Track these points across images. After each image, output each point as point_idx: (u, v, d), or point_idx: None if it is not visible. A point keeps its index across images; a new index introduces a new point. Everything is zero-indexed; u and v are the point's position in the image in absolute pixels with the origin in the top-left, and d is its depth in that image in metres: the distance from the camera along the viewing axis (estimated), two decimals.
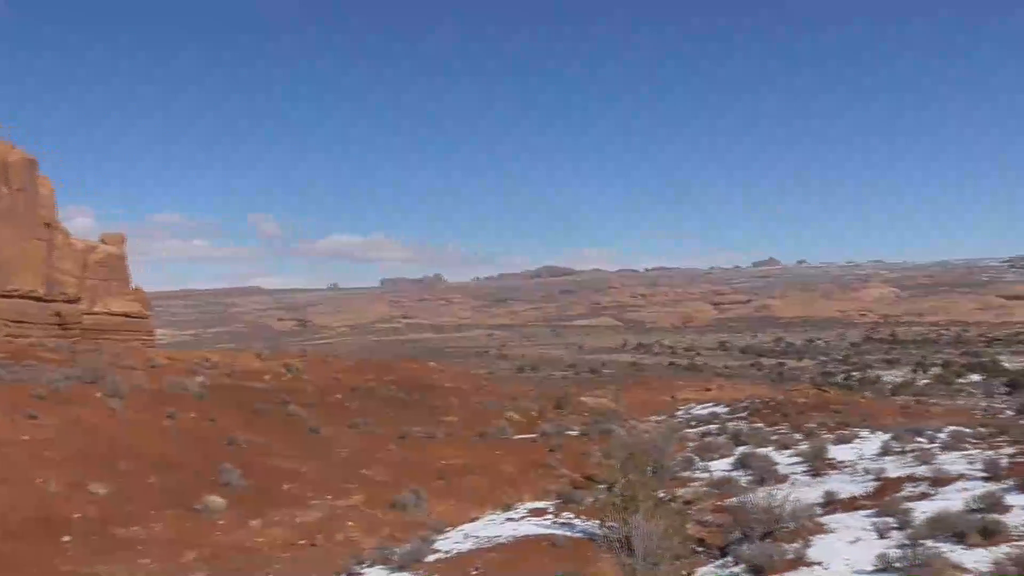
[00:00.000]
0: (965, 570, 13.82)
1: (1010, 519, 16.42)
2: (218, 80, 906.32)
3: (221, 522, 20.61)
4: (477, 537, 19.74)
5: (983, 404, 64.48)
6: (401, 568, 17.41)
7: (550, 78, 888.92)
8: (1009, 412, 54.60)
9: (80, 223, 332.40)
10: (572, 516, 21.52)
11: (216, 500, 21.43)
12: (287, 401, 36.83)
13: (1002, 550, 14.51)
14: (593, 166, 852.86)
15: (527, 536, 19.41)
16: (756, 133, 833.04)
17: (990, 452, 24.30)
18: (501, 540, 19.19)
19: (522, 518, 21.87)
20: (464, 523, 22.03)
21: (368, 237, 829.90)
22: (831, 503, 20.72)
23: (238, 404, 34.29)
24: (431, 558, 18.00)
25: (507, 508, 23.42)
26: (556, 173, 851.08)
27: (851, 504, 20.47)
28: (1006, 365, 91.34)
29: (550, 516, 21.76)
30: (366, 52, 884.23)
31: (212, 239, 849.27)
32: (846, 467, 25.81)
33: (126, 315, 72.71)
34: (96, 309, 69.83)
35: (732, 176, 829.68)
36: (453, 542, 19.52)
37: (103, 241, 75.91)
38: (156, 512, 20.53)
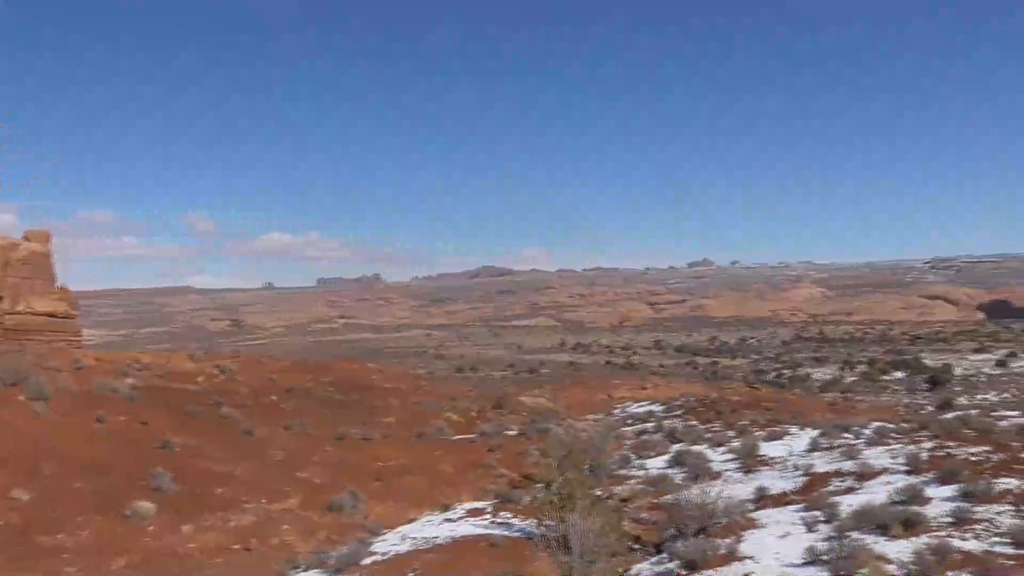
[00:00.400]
0: (888, 561, 14.32)
1: (930, 510, 17.10)
2: (157, 77, 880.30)
3: (151, 527, 20.13)
4: (415, 538, 19.68)
5: (906, 400, 66.82)
6: (337, 571, 17.27)
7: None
8: (930, 408, 56.73)
9: (2, 220, 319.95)
10: (510, 515, 21.62)
11: (146, 505, 20.91)
12: (220, 403, 36.11)
13: (922, 540, 15.10)
14: (540, 167, 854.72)
15: (465, 536, 19.44)
16: (694, 138, 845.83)
17: (912, 446, 25.20)
18: (439, 541, 19.19)
19: (460, 518, 21.88)
20: (402, 524, 21.95)
21: (304, 236, 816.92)
22: (762, 499, 21.26)
23: (170, 406, 33.49)
24: (368, 561, 17.89)
25: (445, 509, 23.40)
26: (495, 174, 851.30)
27: (781, 499, 21.02)
28: (927, 362, 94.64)
29: (488, 516, 21.81)
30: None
31: (144, 237, 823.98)
32: (777, 463, 26.47)
33: (51, 315, 70.20)
34: (19, 308, 67.25)
35: (670, 180, 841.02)
36: (390, 544, 19.43)
37: (26, 238, 73.11)
38: (83, 518, 19.94)
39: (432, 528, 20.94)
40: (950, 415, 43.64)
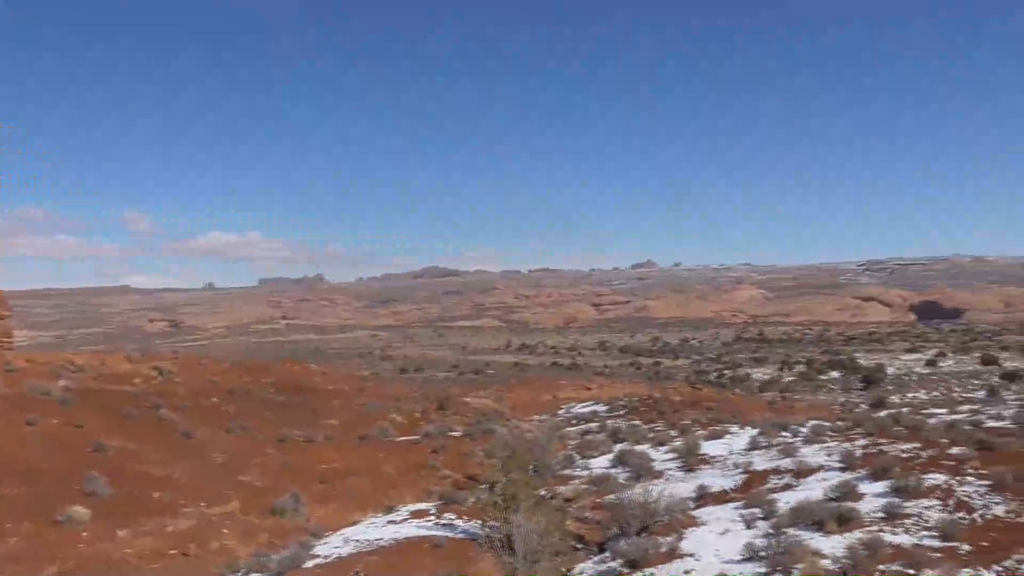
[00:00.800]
0: (823, 556, 14.73)
1: (863, 506, 17.64)
2: (90, 72, 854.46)
3: (85, 533, 19.57)
4: (358, 541, 19.54)
5: (841, 399, 68.48)
6: (278, 575, 17.05)
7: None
8: (864, 406, 58.29)
9: None
10: (454, 517, 21.61)
11: (80, 510, 20.32)
12: (158, 405, 35.31)
13: (856, 535, 15.57)
14: (487, 168, 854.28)
15: (408, 538, 19.37)
16: (641, 143, 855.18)
17: (846, 444, 25.92)
18: (382, 543, 19.09)
19: (404, 520, 21.80)
20: (345, 527, 21.76)
21: (245, 235, 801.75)
22: (703, 497, 21.63)
23: (106, 409, 32.62)
24: (310, 564, 17.71)
25: (389, 510, 23.28)
26: (439, 173, 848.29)
27: (721, 497, 21.43)
28: (862, 362, 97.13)
29: (432, 517, 21.78)
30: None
31: (79, 235, 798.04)
32: (717, 462, 26.95)
33: None
34: None
35: (611, 182, 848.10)
36: (333, 547, 19.26)
37: None
38: (13, 525, 19.29)
39: (375, 530, 20.81)
40: (883, 413, 44.95)
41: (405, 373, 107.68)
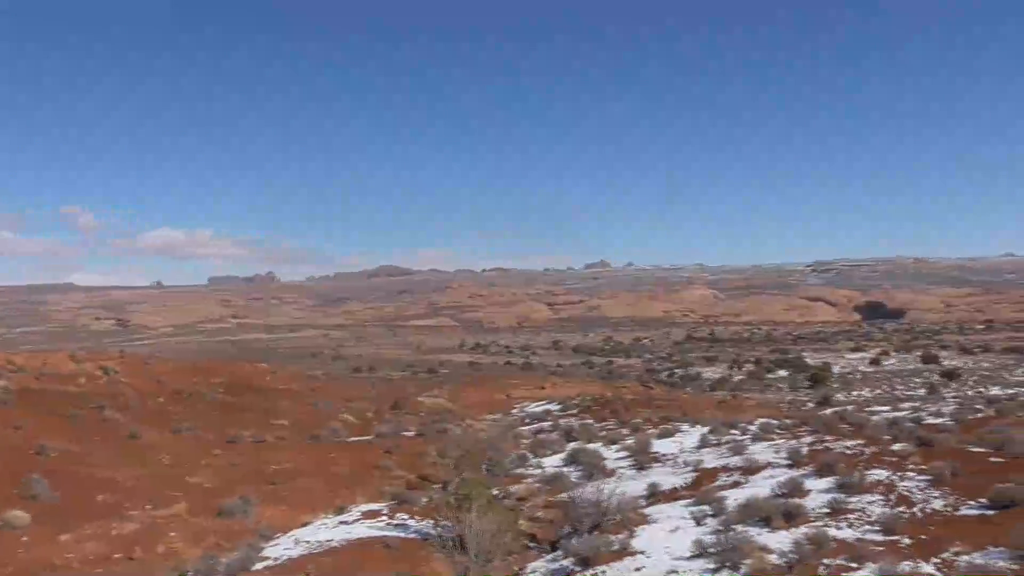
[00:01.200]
0: (770, 551, 15.00)
1: (808, 502, 18.00)
2: (30, 65, 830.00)
3: (25, 538, 19.05)
4: (308, 542, 19.36)
5: (789, 397, 69.67)
6: None
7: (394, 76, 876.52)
8: (810, 404, 59.36)
9: None
10: (407, 517, 21.53)
11: (20, 514, 19.77)
12: (103, 406, 34.55)
13: (802, 531, 15.89)
14: (435, 166, 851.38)
15: (360, 539, 19.25)
16: (588, 142, 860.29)
17: (793, 441, 26.39)
18: (333, 544, 18.94)
19: (355, 521, 21.64)
20: (295, 528, 21.52)
21: (195, 233, 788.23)
22: (654, 495, 21.85)
23: (48, 409, 31.81)
24: (259, 566, 17.49)
25: (340, 511, 23.08)
26: (394, 172, 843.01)
27: (672, 495, 21.68)
28: (809, 361, 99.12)
29: (384, 518, 21.66)
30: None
31: (20, 232, 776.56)
32: (668, 460, 27.25)
33: None
34: None
35: (565, 183, 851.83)
36: (283, 548, 19.04)
37: None
38: None
39: (326, 531, 20.63)
40: (829, 411, 45.76)
41: (358, 372, 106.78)
